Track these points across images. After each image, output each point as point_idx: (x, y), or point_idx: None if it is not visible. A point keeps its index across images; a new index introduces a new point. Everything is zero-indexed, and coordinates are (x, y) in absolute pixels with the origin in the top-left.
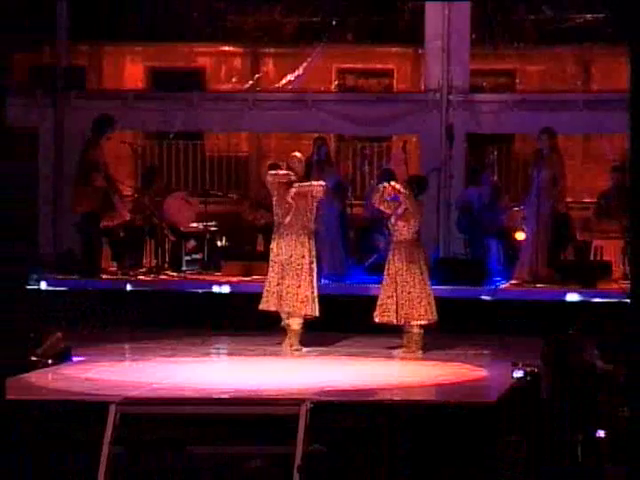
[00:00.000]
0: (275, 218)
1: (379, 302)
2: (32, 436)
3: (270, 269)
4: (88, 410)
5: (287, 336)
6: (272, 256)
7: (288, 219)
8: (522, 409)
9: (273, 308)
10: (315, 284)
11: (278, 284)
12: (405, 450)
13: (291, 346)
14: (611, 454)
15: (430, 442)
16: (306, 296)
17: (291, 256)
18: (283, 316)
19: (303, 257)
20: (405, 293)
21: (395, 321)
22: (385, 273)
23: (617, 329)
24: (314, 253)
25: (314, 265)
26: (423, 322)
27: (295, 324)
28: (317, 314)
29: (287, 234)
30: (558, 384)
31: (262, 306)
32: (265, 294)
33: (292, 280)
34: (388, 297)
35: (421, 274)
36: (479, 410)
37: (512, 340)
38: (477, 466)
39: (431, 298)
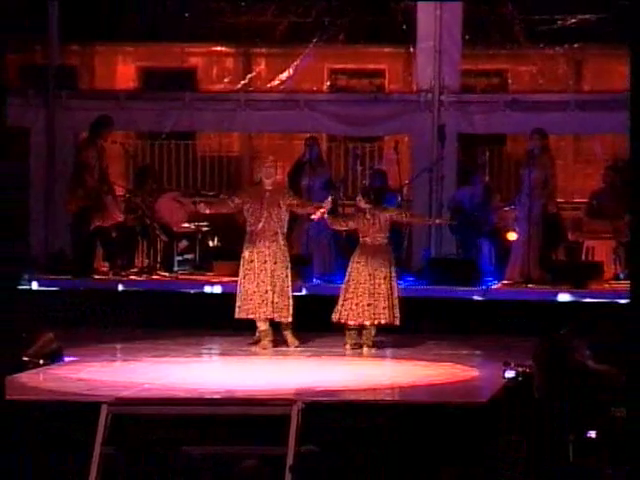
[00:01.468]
0: (247, 225)
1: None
2: (23, 436)
3: (245, 278)
4: (80, 410)
5: (262, 339)
6: (245, 264)
7: (260, 226)
8: (514, 409)
9: (251, 316)
10: (290, 290)
11: (254, 292)
12: (398, 450)
13: (264, 348)
14: (602, 454)
15: (423, 442)
16: (276, 302)
17: (265, 262)
18: (259, 324)
19: (275, 263)
20: (366, 295)
21: (354, 322)
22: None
23: (608, 329)
24: (288, 258)
25: (288, 270)
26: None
27: (264, 326)
28: (290, 319)
29: (259, 240)
30: (550, 384)
31: (239, 315)
32: (242, 302)
33: (267, 287)
34: (350, 298)
35: (383, 276)
36: (471, 410)
37: (504, 340)
38: (471, 466)
39: (391, 301)
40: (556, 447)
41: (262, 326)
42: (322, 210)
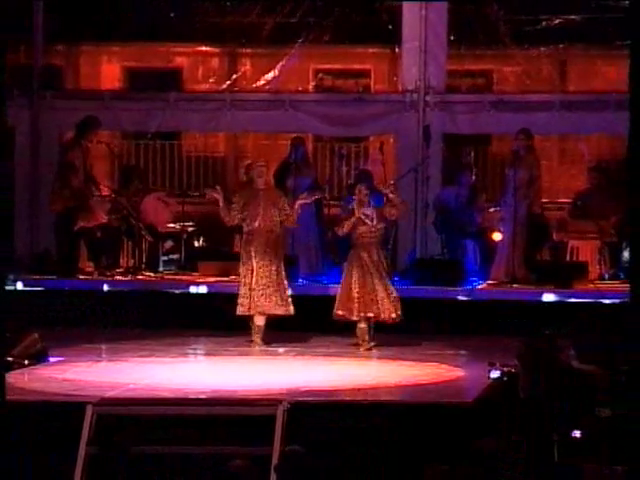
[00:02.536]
0: (243, 224)
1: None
2: (8, 437)
3: (245, 277)
4: (65, 410)
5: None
6: (244, 263)
7: (256, 224)
8: (499, 409)
9: (247, 312)
10: (286, 285)
11: (250, 288)
12: (384, 449)
13: (255, 344)
14: (587, 454)
15: (408, 442)
16: (275, 297)
17: (263, 259)
18: (257, 319)
19: (271, 261)
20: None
21: (354, 317)
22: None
23: (593, 329)
24: (282, 257)
25: (282, 269)
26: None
27: (261, 321)
28: (292, 313)
29: (256, 239)
30: (535, 384)
31: (242, 312)
32: (240, 300)
33: (263, 284)
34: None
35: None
36: (456, 410)
37: (489, 340)
38: (457, 465)
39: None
40: (541, 447)
41: (259, 321)
42: (302, 199)
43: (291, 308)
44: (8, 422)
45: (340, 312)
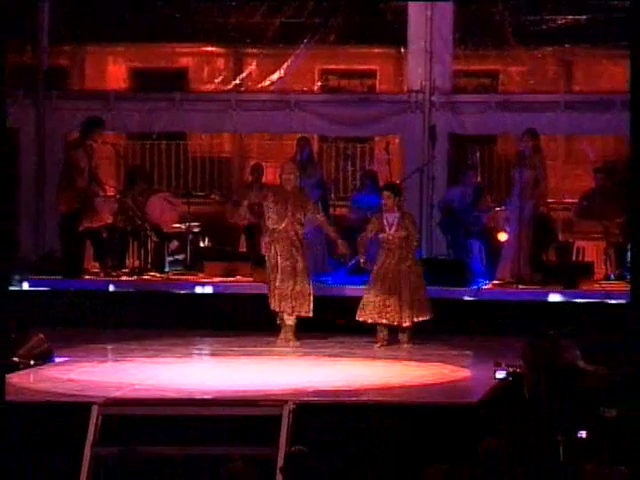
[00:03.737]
0: (268, 223)
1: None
2: (14, 437)
3: (270, 273)
4: (70, 411)
5: (283, 331)
6: (272, 265)
7: (283, 225)
8: (505, 409)
9: (277, 309)
10: (310, 286)
11: (275, 287)
12: (389, 450)
13: (287, 340)
14: (592, 454)
15: (414, 443)
16: (302, 296)
17: (287, 259)
18: (280, 315)
19: (297, 261)
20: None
21: (369, 321)
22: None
23: (598, 329)
24: (307, 257)
25: (308, 270)
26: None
27: (290, 320)
28: (310, 314)
29: (282, 239)
30: (540, 384)
31: (272, 307)
32: (270, 296)
33: (288, 282)
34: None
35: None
36: (462, 410)
37: (495, 340)
38: (461, 466)
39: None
40: (546, 447)
41: (288, 321)
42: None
43: (309, 309)
44: (11, 422)
45: (360, 318)
